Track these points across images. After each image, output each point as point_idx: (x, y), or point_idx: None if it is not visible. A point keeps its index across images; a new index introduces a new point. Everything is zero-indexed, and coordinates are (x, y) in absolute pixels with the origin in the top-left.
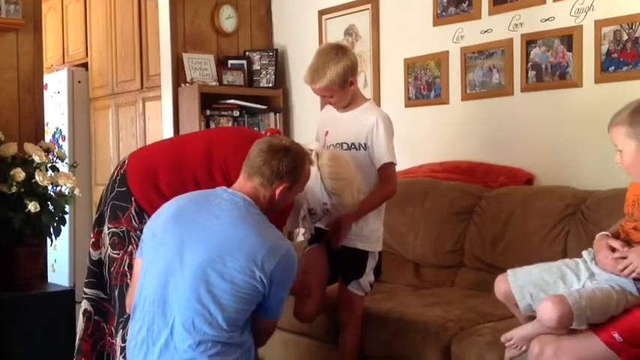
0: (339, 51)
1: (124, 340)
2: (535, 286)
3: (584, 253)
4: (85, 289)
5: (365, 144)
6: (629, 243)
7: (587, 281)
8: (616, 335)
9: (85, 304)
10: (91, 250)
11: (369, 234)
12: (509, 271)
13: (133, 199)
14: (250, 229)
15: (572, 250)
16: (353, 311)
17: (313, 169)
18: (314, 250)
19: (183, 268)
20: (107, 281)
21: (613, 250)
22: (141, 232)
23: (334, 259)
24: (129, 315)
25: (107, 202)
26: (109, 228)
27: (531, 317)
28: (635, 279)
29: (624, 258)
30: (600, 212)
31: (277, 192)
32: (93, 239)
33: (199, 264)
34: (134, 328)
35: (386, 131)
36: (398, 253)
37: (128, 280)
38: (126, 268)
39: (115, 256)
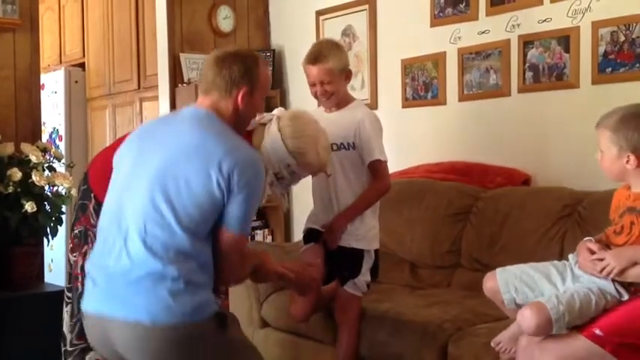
0: (338, 44)
1: (72, 345)
2: (520, 281)
3: (570, 257)
4: (68, 294)
5: (353, 143)
6: (608, 246)
7: (570, 283)
8: (597, 331)
9: (68, 308)
10: (69, 254)
11: (365, 232)
12: (498, 269)
13: (92, 195)
14: (209, 134)
15: (569, 251)
16: (349, 311)
17: (274, 131)
18: (310, 250)
19: (139, 178)
20: None
21: (592, 252)
22: None
23: (330, 260)
24: (76, 321)
25: (75, 204)
26: (72, 231)
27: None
28: (614, 280)
29: (602, 260)
30: (597, 213)
31: (239, 99)
32: (70, 244)
33: (154, 171)
34: (94, 249)
35: (373, 129)
36: (395, 253)
37: (79, 284)
38: (78, 270)
39: (73, 259)
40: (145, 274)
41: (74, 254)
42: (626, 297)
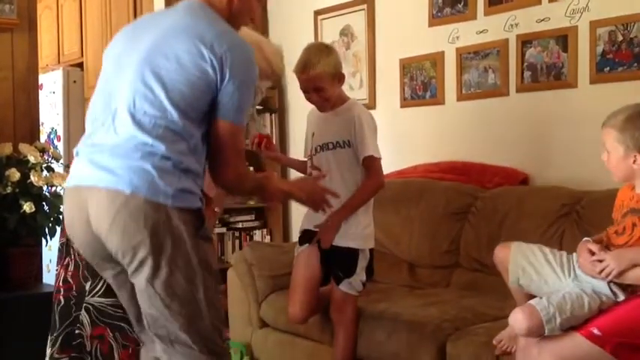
0: (327, 47)
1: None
2: (529, 264)
3: (574, 255)
4: None
5: (349, 141)
6: (609, 247)
7: (570, 281)
8: (595, 331)
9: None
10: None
11: (359, 231)
12: (514, 243)
13: None
14: (200, 19)
15: (568, 250)
16: (345, 311)
17: None
18: (305, 252)
19: (129, 60)
20: None
21: (592, 253)
22: None
23: (326, 260)
24: (58, 334)
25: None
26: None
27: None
28: (610, 282)
29: (601, 261)
30: (595, 212)
31: None
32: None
33: (144, 52)
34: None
35: (367, 126)
36: (393, 253)
37: (61, 297)
38: (60, 283)
39: (55, 272)
40: (133, 146)
41: (56, 267)
42: (622, 298)
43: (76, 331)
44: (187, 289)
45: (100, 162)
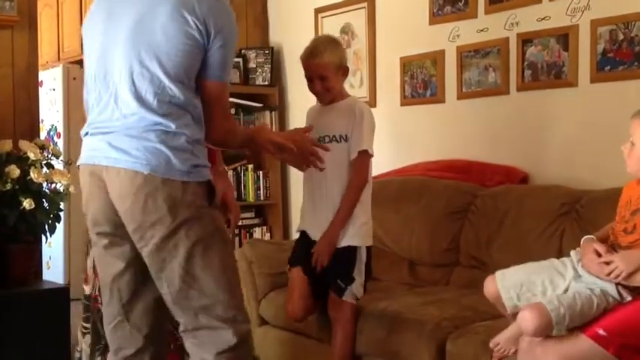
0: (335, 40)
1: None
2: (522, 287)
3: (572, 253)
4: (85, 324)
5: (346, 135)
6: (614, 248)
7: (572, 281)
8: (600, 331)
9: (86, 338)
10: (83, 285)
11: (357, 229)
12: (497, 273)
13: None
14: None
15: (568, 249)
16: (343, 309)
17: None
18: (295, 272)
19: (116, 37)
20: None
21: (599, 254)
22: None
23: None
24: (106, 342)
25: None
26: (91, 258)
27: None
28: (617, 283)
29: (608, 263)
30: (595, 211)
31: None
32: (84, 274)
33: (129, 29)
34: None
35: (367, 121)
36: (393, 251)
37: (99, 305)
38: (97, 292)
39: (92, 282)
40: (146, 127)
41: (93, 275)
42: (628, 299)
43: None
44: (208, 259)
45: (116, 143)
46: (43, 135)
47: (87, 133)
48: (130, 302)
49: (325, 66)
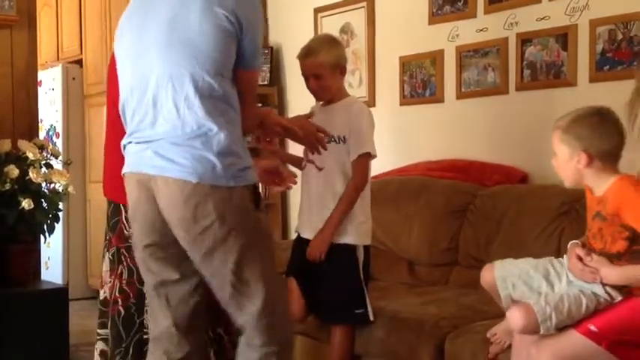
0: (334, 39)
1: None
2: (519, 278)
3: (565, 257)
4: (98, 330)
5: (344, 137)
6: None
7: (565, 284)
8: (592, 327)
9: (100, 345)
10: (100, 290)
11: (355, 227)
12: (496, 262)
13: (121, 207)
14: None
15: (567, 248)
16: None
17: None
18: (290, 282)
19: (149, 42)
20: None
21: (580, 259)
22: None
23: (321, 270)
24: (127, 345)
25: (106, 235)
26: (107, 261)
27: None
28: (604, 284)
29: (595, 270)
30: None
31: None
32: (100, 279)
33: (163, 32)
34: (127, 128)
35: (366, 122)
36: (392, 251)
37: (120, 307)
38: (117, 294)
39: (108, 283)
40: (190, 134)
41: (110, 278)
42: (619, 298)
43: (144, 337)
44: (257, 264)
45: (162, 152)
46: (42, 135)
47: (129, 142)
48: (176, 308)
49: (319, 65)
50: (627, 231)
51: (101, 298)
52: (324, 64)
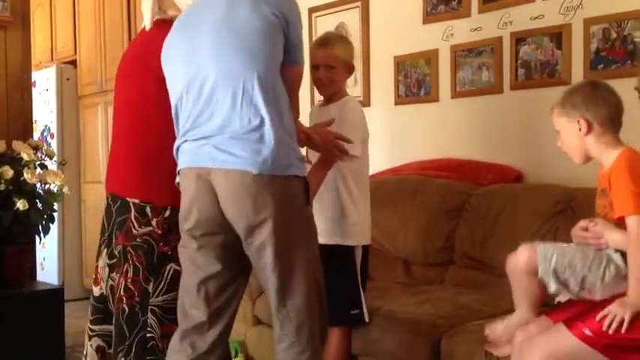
0: (346, 37)
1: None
2: (560, 253)
3: None
4: (93, 327)
5: None
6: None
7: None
8: (586, 331)
9: (96, 341)
10: (92, 286)
11: (348, 227)
12: (539, 246)
13: (130, 204)
14: None
15: None
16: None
17: None
18: None
19: (200, 44)
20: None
21: (585, 229)
22: (140, 237)
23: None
24: (130, 343)
25: (106, 231)
26: (107, 260)
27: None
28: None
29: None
30: (589, 210)
31: None
32: (94, 275)
33: (213, 32)
34: (179, 132)
35: (347, 123)
36: (388, 250)
37: (124, 305)
38: (122, 292)
39: (113, 283)
40: (248, 127)
41: (114, 274)
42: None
43: (148, 335)
44: (308, 255)
45: (221, 146)
46: (36, 135)
47: (185, 141)
48: (213, 302)
49: (335, 56)
50: None
51: (96, 294)
52: (339, 57)
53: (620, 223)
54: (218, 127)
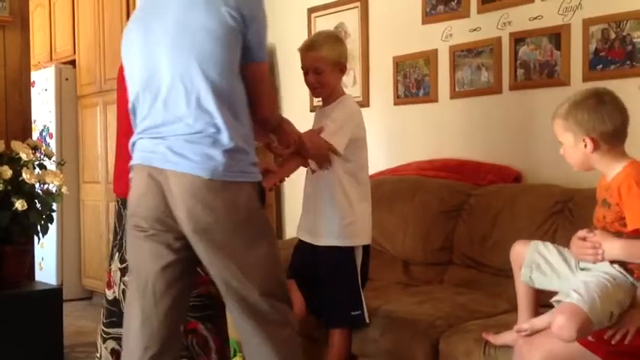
0: (337, 37)
1: None
2: (546, 262)
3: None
4: (107, 330)
5: None
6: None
7: (580, 275)
8: (589, 338)
9: (110, 344)
10: (105, 290)
11: (342, 228)
12: (533, 241)
13: None
14: None
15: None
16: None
17: None
18: (290, 283)
19: (157, 43)
20: None
21: (583, 239)
22: None
23: (318, 279)
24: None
25: (117, 235)
26: (119, 264)
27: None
28: (612, 263)
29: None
30: (588, 210)
31: None
32: (106, 278)
33: (170, 32)
34: (136, 125)
35: (343, 114)
36: (387, 250)
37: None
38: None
39: (125, 287)
40: (202, 132)
41: (126, 277)
42: (630, 280)
43: None
44: (262, 256)
45: (176, 148)
46: (35, 135)
47: (140, 138)
48: (161, 298)
49: (321, 59)
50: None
51: (110, 298)
52: (326, 59)
53: (620, 234)
54: (173, 129)
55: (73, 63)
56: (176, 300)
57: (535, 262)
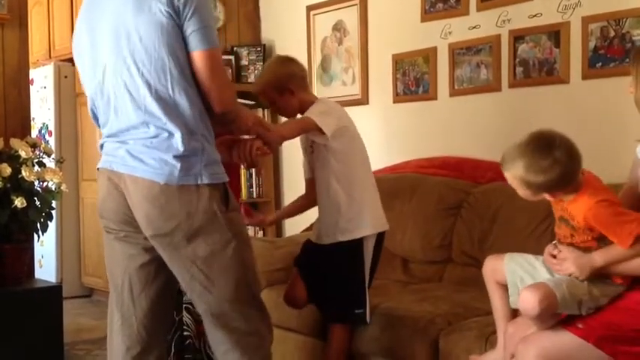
0: (285, 60)
1: None
2: (527, 273)
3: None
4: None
5: (312, 141)
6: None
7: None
8: (579, 325)
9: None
10: None
11: (343, 225)
12: (507, 255)
13: None
14: None
15: None
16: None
17: None
18: (295, 270)
19: (101, 47)
20: None
21: (554, 256)
22: None
23: (324, 277)
24: (168, 343)
25: None
26: None
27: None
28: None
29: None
30: None
31: None
32: None
33: (110, 36)
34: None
35: (321, 105)
36: (386, 248)
37: None
38: None
39: None
40: (157, 137)
41: None
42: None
43: (184, 333)
44: (226, 262)
45: (134, 152)
46: (34, 133)
47: (106, 141)
48: (138, 298)
49: (262, 91)
50: (596, 232)
51: None
52: (266, 88)
53: (589, 249)
54: (133, 133)
55: (71, 60)
56: (155, 299)
57: (518, 276)
